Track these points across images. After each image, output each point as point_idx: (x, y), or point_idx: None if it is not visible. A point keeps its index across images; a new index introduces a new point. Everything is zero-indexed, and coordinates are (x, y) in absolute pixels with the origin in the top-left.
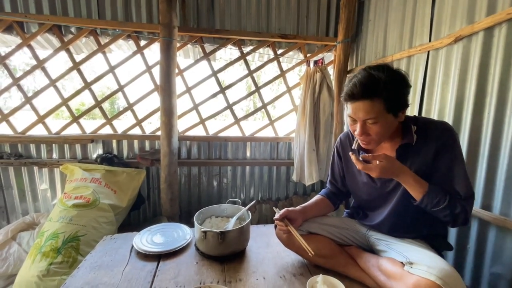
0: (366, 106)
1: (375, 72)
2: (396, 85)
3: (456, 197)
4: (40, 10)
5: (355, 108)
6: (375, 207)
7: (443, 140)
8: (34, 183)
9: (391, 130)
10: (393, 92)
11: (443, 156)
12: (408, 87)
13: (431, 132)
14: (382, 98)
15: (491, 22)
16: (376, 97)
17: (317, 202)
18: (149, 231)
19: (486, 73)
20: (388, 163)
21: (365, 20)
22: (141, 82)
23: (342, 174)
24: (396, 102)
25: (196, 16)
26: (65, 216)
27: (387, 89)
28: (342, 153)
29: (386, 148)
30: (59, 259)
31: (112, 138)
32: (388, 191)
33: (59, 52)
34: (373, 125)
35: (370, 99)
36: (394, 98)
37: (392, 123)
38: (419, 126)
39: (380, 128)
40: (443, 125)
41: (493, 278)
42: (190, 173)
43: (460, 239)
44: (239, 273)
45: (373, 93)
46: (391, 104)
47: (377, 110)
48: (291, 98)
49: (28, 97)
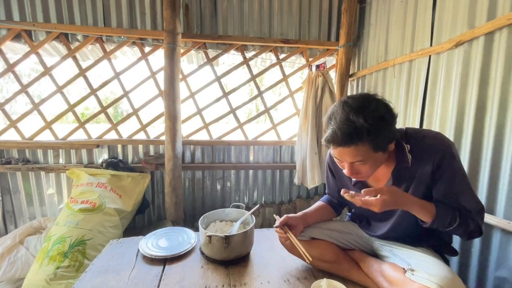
0: (351, 151)
1: (354, 116)
2: (379, 126)
3: (466, 213)
4: (48, 18)
5: (339, 152)
6: (378, 219)
7: (439, 158)
8: (41, 188)
9: (382, 163)
10: (378, 135)
11: (442, 176)
12: (393, 121)
13: (426, 150)
14: (366, 142)
15: (492, 27)
16: (360, 142)
17: (318, 208)
18: (155, 235)
19: (487, 78)
20: (391, 196)
21: (367, 24)
22: (146, 88)
23: (337, 189)
24: (382, 141)
25: (199, 23)
26: (71, 220)
27: (370, 134)
28: (334, 169)
29: (381, 171)
30: (66, 263)
31: (117, 143)
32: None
33: (66, 59)
34: (362, 165)
35: (354, 144)
36: (380, 138)
37: (383, 157)
38: (412, 144)
39: (370, 166)
40: (436, 139)
41: (498, 282)
42: (194, 177)
43: (464, 243)
44: (244, 277)
45: (355, 140)
46: (377, 145)
47: (364, 152)
48: (293, 102)
49: (35, 103)
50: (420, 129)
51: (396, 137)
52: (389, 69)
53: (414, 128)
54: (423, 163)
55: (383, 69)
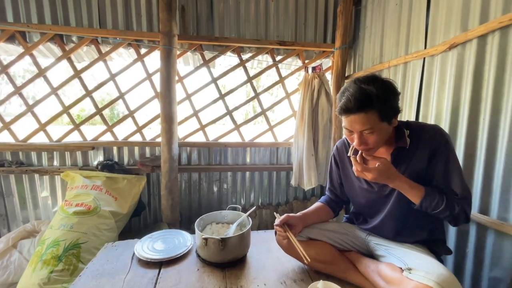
0: (361, 118)
1: (366, 85)
2: (387, 95)
3: (453, 197)
4: (42, 20)
5: (351, 121)
6: (374, 212)
7: (435, 144)
8: (35, 191)
9: (387, 136)
10: (385, 102)
11: (438, 159)
12: (397, 94)
13: (424, 136)
14: (375, 109)
15: (484, 30)
16: (370, 109)
17: (317, 209)
18: (150, 238)
19: (480, 80)
20: (385, 167)
21: (362, 27)
22: (142, 89)
23: (340, 181)
24: (388, 110)
25: (195, 24)
26: (66, 223)
27: (379, 101)
28: (339, 160)
29: (382, 152)
30: (60, 266)
31: (113, 145)
32: (386, 194)
33: (60, 60)
34: (370, 135)
35: (364, 112)
36: (387, 107)
37: (388, 130)
38: (412, 130)
39: (377, 136)
40: (434, 129)
41: (493, 282)
42: (190, 179)
43: (459, 243)
44: (240, 280)
45: (367, 106)
46: (384, 114)
47: (372, 121)
48: (290, 103)
49: (29, 105)
50: (420, 122)
51: (399, 111)
52: (385, 71)
53: (414, 121)
54: (421, 147)
55: (379, 71)
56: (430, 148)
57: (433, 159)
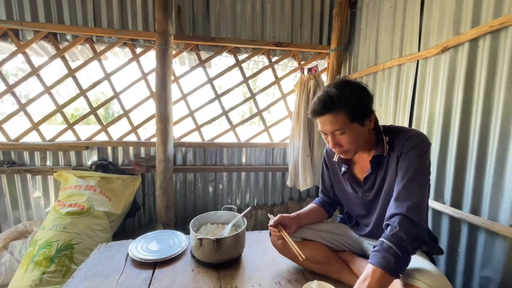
0: (330, 119)
1: (331, 89)
2: (351, 96)
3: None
4: (36, 18)
5: (321, 122)
6: (363, 216)
7: (404, 146)
8: (27, 191)
9: (362, 138)
10: (352, 103)
11: (402, 160)
12: (367, 97)
13: (398, 141)
14: (343, 110)
15: (476, 33)
16: (336, 110)
17: (311, 210)
18: (145, 238)
19: (472, 82)
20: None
21: (357, 29)
22: (137, 89)
23: (331, 183)
24: (357, 111)
25: (191, 24)
26: (58, 224)
27: (343, 102)
28: (328, 163)
29: (365, 158)
30: (52, 268)
31: (107, 145)
32: (370, 200)
33: (54, 59)
34: (342, 136)
35: (331, 112)
36: (353, 108)
37: (361, 131)
38: (391, 136)
39: (349, 137)
40: (410, 133)
41: (484, 282)
42: (185, 179)
43: (451, 243)
44: (235, 280)
45: (331, 107)
46: (352, 114)
47: (341, 121)
48: (286, 104)
49: (22, 104)
50: (403, 127)
51: (370, 114)
52: (379, 73)
53: (399, 126)
54: (395, 150)
55: (373, 73)
56: (398, 152)
57: (399, 161)
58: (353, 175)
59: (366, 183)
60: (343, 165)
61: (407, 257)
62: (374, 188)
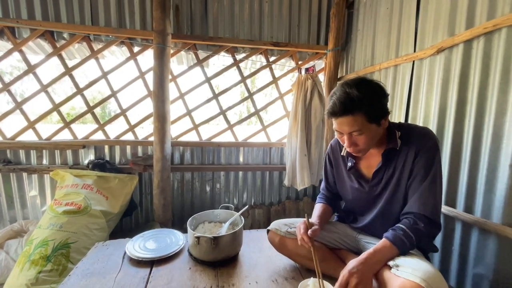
0: (348, 120)
1: (350, 89)
2: (373, 98)
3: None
4: (32, 15)
5: (339, 123)
6: (364, 211)
7: (422, 144)
8: (23, 190)
9: (377, 137)
10: (372, 105)
11: (420, 158)
12: (385, 96)
13: (414, 137)
14: (362, 112)
15: (470, 35)
16: (356, 111)
17: (324, 211)
18: (142, 237)
19: (466, 83)
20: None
21: (354, 30)
22: (134, 88)
23: (334, 179)
24: (376, 112)
25: (189, 23)
26: (55, 223)
27: (364, 104)
28: (333, 159)
29: (373, 153)
30: (49, 267)
31: (104, 144)
32: (376, 194)
33: (51, 57)
34: (359, 136)
35: (351, 114)
36: (373, 109)
37: (377, 131)
38: (403, 132)
39: (366, 138)
40: (424, 130)
41: (476, 279)
42: (183, 178)
43: (446, 241)
44: (232, 278)
45: (352, 109)
46: (371, 115)
47: (360, 123)
48: (283, 104)
49: (18, 102)
50: (411, 123)
51: (388, 113)
52: (376, 73)
53: (407, 123)
54: (410, 145)
55: (370, 73)
56: (417, 147)
57: (417, 157)
58: (359, 170)
59: (375, 178)
60: (350, 160)
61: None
62: (381, 183)
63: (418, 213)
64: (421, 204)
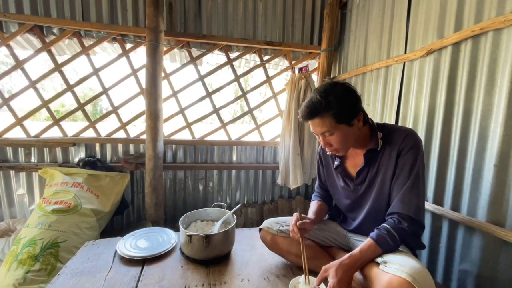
0: (317, 122)
1: (316, 95)
2: (339, 100)
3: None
4: (21, 9)
5: (311, 125)
6: (353, 210)
7: (403, 145)
8: (10, 188)
9: (352, 137)
10: (338, 107)
11: (403, 157)
12: (352, 99)
13: (396, 137)
14: (329, 114)
15: (458, 38)
16: (322, 113)
17: (320, 208)
18: (133, 235)
19: (454, 84)
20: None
21: (347, 30)
22: (126, 85)
23: (325, 178)
24: (343, 113)
25: (183, 21)
26: (43, 221)
27: (328, 107)
28: (323, 158)
29: (359, 153)
30: (37, 266)
31: (96, 142)
32: (360, 194)
33: (40, 53)
34: (331, 137)
35: (318, 117)
36: (340, 111)
37: (350, 131)
38: (386, 132)
39: (338, 138)
40: (406, 131)
41: (462, 275)
42: (175, 177)
43: (433, 238)
44: (224, 276)
45: (317, 112)
46: (338, 116)
47: (328, 124)
48: (276, 103)
49: (6, 98)
50: (395, 124)
51: (357, 114)
52: (368, 74)
53: (392, 124)
54: (392, 146)
55: (362, 73)
56: (399, 148)
57: (400, 157)
58: (345, 169)
59: (359, 177)
60: (336, 159)
61: (399, 245)
62: (365, 182)
63: (401, 213)
64: (405, 204)
